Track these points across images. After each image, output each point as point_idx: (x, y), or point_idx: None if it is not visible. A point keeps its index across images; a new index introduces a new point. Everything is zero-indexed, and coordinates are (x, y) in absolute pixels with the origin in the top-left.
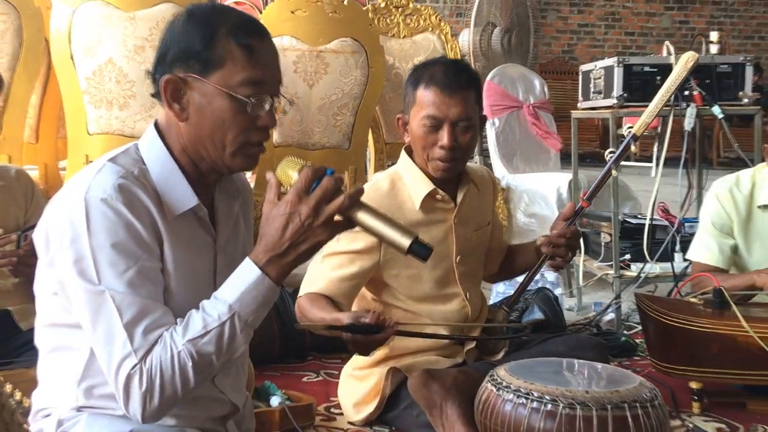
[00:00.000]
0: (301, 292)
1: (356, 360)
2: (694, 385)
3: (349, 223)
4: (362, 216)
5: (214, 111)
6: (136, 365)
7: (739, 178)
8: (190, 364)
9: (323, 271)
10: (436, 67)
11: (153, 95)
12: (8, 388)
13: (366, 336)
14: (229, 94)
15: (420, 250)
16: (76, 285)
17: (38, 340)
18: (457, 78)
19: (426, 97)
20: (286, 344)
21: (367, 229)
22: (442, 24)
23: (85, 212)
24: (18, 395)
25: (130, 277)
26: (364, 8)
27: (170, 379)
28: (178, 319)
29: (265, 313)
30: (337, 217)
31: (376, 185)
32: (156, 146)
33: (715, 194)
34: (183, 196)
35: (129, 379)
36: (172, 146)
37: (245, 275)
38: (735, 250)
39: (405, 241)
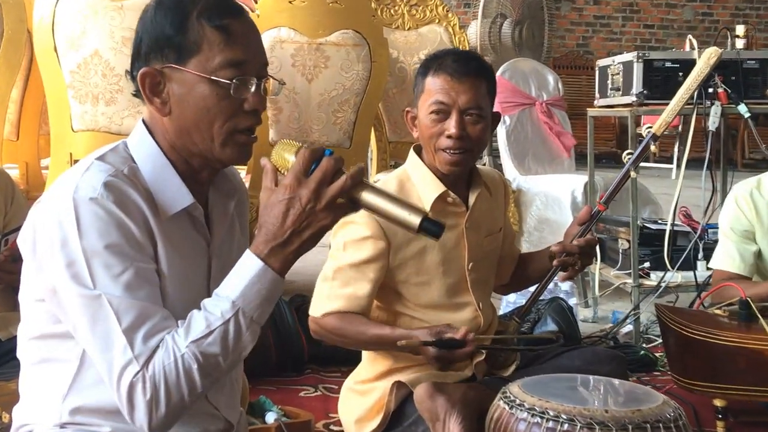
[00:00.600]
0: (314, 311)
1: (358, 373)
2: (718, 402)
3: (353, 205)
4: (366, 196)
5: (196, 99)
6: (138, 372)
7: (760, 180)
8: (195, 366)
9: (336, 290)
10: (447, 55)
11: (135, 94)
12: None
13: (451, 351)
14: (209, 79)
15: (431, 228)
16: (70, 290)
17: (21, 353)
18: (467, 65)
19: (434, 84)
20: (283, 356)
21: (373, 210)
22: (450, 15)
23: (75, 213)
24: None
25: (126, 280)
26: None
27: (176, 385)
28: (179, 321)
29: (271, 308)
30: (340, 200)
31: (383, 186)
32: (146, 143)
33: (734, 198)
34: (177, 194)
35: (132, 387)
36: (160, 144)
37: (247, 269)
38: (758, 255)
39: (415, 219)
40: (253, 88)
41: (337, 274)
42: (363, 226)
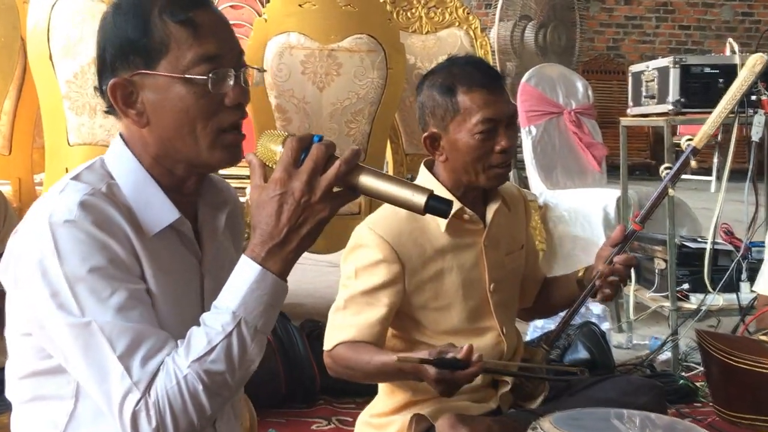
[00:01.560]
0: (328, 343)
1: (374, 406)
2: None
3: (352, 192)
4: (365, 180)
5: (173, 103)
6: (140, 400)
7: None
8: (200, 387)
9: (348, 319)
10: (465, 67)
11: (108, 111)
12: None
13: (453, 372)
14: (183, 79)
15: (439, 206)
16: (57, 321)
17: (11, 393)
18: (492, 73)
19: (473, 101)
20: (293, 385)
21: (373, 195)
22: (471, 18)
23: (52, 239)
24: None
25: (115, 303)
26: (382, 0)
27: (182, 410)
28: (179, 341)
29: (276, 315)
30: (336, 188)
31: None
32: (125, 158)
33: None
34: (161, 210)
35: (135, 417)
36: (141, 158)
37: (244, 275)
38: None
39: (420, 199)
40: (231, 81)
41: (349, 303)
42: (374, 249)
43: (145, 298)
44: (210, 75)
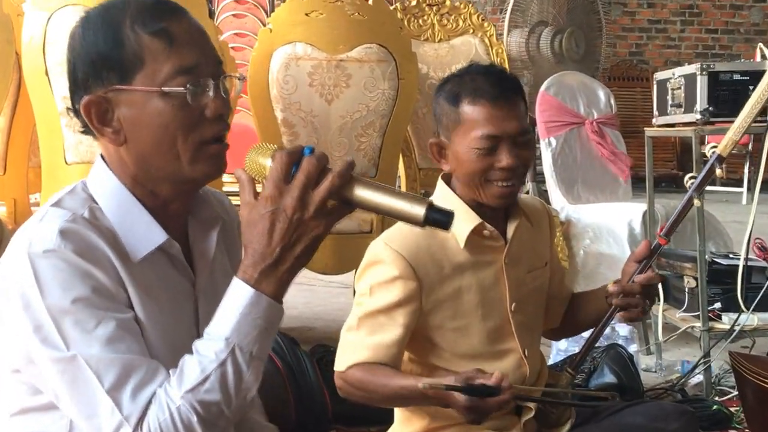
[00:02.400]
0: (341, 364)
1: None
2: None
3: (347, 206)
4: (360, 193)
5: (151, 118)
6: None
7: None
8: (195, 419)
9: (363, 339)
10: (476, 77)
11: (83, 131)
12: None
13: (483, 399)
14: (160, 92)
15: (439, 217)
16: (42, 356)
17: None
18: (504, 85)
19: (475, 114)
20: (303, 414)
21: (370, 208)
22: (486, 24)
23: (32, 271)
24: None
25: (102, 334)
26: (392, 8)
27: None
28: (171, 370)
29: (272, 340)
30: (330, 203)
31: None
32: (106, 179)
33: None
34: (147, 232)
35: None
36: (122, 179)
37: (237, 299)
38: None
39: (419, 210)
40: (211, 92)
41: (363, 322)
42: (390, 265)
43: (133, 327)
44: (188, 86)
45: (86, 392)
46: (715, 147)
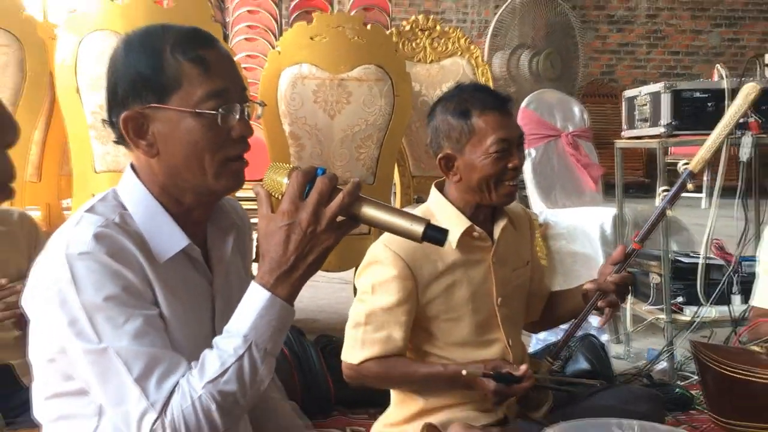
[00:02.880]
0: (350, 357)
1: (387, 416)
2: None
3: (354, 222)
4: (366, 211)
5: (183, 135)
6: (156, 420)
7: None
8: (214, 407)
9: (371, 334)
10: (476, 92)
11: (117, 141)
12: None
13: (509, 386)
14: (194, 113)
15: (436, 235)
16: (76, 348)
17: (38, 412)
18: (502, 98)
19: (488, 124)
20: (309, 398)
21: (374, 224)
22: (472, 47)
23: (69, 271)
24: None
25: (130, 329)
26: (388, 32)
27: (196, 428)
28: (192, 363)
29: (284, 338)
30: (340, 218)
31: None
32: (136, 188)
33: None
34: (171, 237)
35: None
36: (150, 187)
37: (254, 301)
38: None
39: (418, 228)
40: (238, 116)
41: (369, 319)
42: (389, 266)
43: (158, 322)
44: (219, 110)
45: (116, 381)
46: (686, 163)
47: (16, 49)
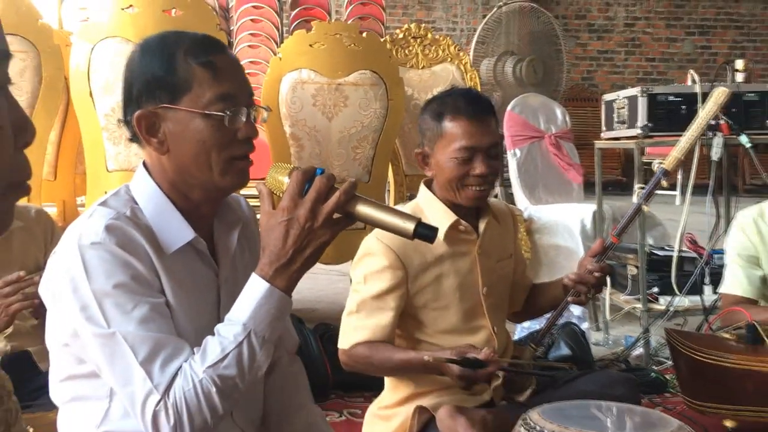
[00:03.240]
0: (344, 343)
1: (381, 399)
2: (728, 423)
3: (350, 219)
4: (361, 209)
5: (192, 134)
6: (159, 401)
7: (762, 209)
8: (214, 390)
9: (362, 321)
10: (457, 98)
11: (131, 139)
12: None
13: (474, 370)
14: (203, 114)
15: (425, 232)
16: (86, 332)
17: (54, 394)
18: (480, 105)
19: (455, 129)
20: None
21: (368, 221)
22: (461, 54)
23: (81, 260)
24: None
25: (137, 315)
26: (383, 39)
27: (197, 410)
28: (195, 348)
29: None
30: (336, 215)
31: None
32: (147, 184)
33: (739, 225)
34: (178, 230)
35: (156, 416)
36: (160, 183)
37: (254, 291)
38: (764, 281)
39: (409, 226)
40: (244, 118)
41: (361, 306)
42: (381, 257)
43: (165, 310)
44: (227, 112)
45: (122, 364)
46: (662, 162)
47: (34, 55)
